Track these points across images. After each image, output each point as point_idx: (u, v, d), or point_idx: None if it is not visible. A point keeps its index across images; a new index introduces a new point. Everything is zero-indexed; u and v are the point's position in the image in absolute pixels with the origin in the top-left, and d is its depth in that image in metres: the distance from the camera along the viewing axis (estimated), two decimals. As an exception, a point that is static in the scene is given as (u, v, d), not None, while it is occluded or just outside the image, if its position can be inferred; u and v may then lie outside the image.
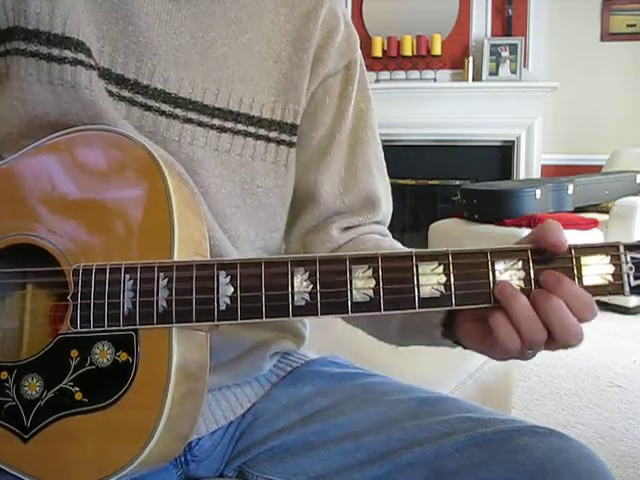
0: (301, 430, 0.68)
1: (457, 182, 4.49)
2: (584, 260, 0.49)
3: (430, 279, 0.50)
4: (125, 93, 0.64)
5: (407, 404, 0.67)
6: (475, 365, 1.07)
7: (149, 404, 0.51)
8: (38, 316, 0.59)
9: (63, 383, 0.52)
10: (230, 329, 0.66)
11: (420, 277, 0.50)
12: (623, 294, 0.49)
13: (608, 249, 0.49)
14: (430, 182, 4.66)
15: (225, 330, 0.61)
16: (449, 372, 1.06)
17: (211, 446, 0.71)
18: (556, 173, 4.24)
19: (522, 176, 4.43)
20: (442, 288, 0.50)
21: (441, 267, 0.50)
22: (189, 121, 0.65)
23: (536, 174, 4.43)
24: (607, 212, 3.37)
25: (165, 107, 0.65)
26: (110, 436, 0.51)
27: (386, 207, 0.78)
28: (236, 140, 0.68)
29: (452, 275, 0.50)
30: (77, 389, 0.52)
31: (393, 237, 0.78)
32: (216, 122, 0.67)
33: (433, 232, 3.54)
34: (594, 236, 3.20)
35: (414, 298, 0.50)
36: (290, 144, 0.71)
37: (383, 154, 0.79)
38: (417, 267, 0.50)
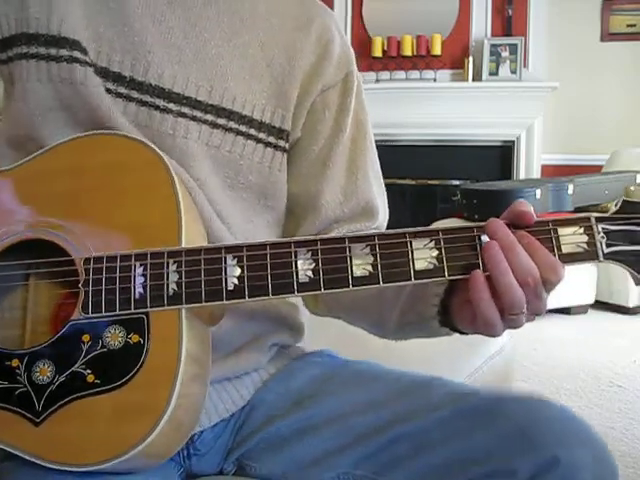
0: (294, 417, 0.70)
1: (457, 182, 4.48)
2: (561, 231, 0.55)
3: (423, 253, 0.54)
4: (122, 90, 0.66)
5: (395, 385, 0.69)
6: (474, 365, 1.07)
7: (161, 382, 0.52)
8: (41, 306, 0.60)
9: (75, 367, 0.54)
10: (229, 322, 0.67)
11: (414, 252, 0.54)
12: (598, 260, 0.54)
13: (581, 221, 0.55)
14: (430, 182, 4.66)
15: (224, 323, 0.63)
16: (449, 372, 1.05)
17: (213, 439, 0.72)
18: (556, 173, 4.23)
19: (522, 176, 4.43)
20: (435, 261, 0.54)
21: (433, 242, 0.54)
22: (183, 115, 0.68)
23: (536, 174, 4.43)
24: (607, 212, 3.36)
25: (159, 102, 0.67)
26: (122, 416, 0.52)
27: (383, 215, 0.80)
28: (227, 137, 0.70)
29: (443, 249, 0.54)
30: (89, 372, 0.53)
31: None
32: (209, 117, 0.69)
33: (433, 232, 3.54)
34: (594, 236, 3.19)
35: (409, 271, 0.54)
36: (276, 147, 0.73)
37: (379, 156, 0.82)
38: (411, 243, 0.54)
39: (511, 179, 4.43)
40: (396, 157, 4.26)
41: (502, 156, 4.55)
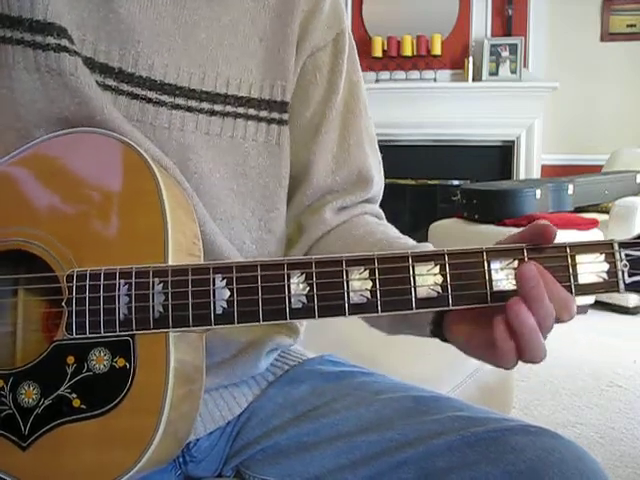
0: (294, 430, 0.68)
1: (457, 182, 4.49)
2: (579, 258, 0.49)
3: (426, 280, 0.50)
4: (110, 82, 0.63)
5: (400, 403, 0.67)
6: (475, 365, 1.07)
7: (148, 409, 0.51)
8: (31, 323, 0.58)
9: (60, 390, 0.52)
10: (224, 329, 0.66)
11: (417, 278, 0.50)
12: (618, 291, 0.49)
13: (603, 247, 0.49)
14: (430, 182, 4.66)
15: (220, 330, 0.61)
16: (449, 372, 1.06)
17: (209, 446, 0.71)
18: (556, 173, 4.24)
19: (522, 176, 4.43)
20: (439, 288, 0.50)
21: (437, 267, 0.50)
22: (177, 107, 0.65)
23: (536, 174, 4.44)
24: (607, 212, 3.37)
25: (152, 94, 0.64)
26: (110, 442, 0.51)
27: (378, 184, 0.77)
28: (226, 122, 0.67)
29: (448, 275, 0.50)
30: (75, 396, 0.52)
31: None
32: (205, 106, 0.66)
33: (433, 232, 3.54)
34: (594, 236, 3.20)
35: (411, 299, 0.50)
36: (281, 122, 0.70)
37: (375, 131, 0.78)
38: (413, 268, 0.50)
39: (511, 179, 4.44)
40: (396, 157, 4.26)
41: (502, 156, 4.55)
